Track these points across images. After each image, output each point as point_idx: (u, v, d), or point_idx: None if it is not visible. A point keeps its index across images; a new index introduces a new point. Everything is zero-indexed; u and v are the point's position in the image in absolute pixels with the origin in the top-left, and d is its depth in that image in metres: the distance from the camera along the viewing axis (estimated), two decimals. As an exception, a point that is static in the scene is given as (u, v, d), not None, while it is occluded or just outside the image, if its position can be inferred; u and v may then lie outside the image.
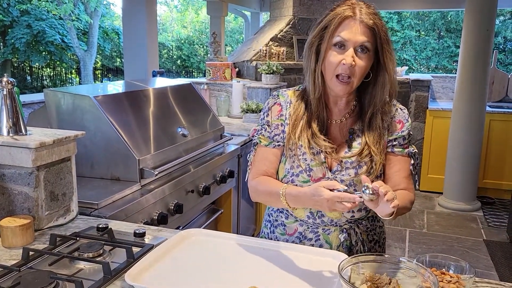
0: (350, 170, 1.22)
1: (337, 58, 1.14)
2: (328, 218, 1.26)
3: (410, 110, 4.80)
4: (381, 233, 1.38)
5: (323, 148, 1.22)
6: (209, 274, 1.11)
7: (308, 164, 1.24)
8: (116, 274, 1.09)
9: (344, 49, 1.14)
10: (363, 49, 1.14)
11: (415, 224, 3.94)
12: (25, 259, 1.14)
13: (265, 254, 1.23)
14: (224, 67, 4.04)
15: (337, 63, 1.14)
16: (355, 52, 1.13)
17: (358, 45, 1.13)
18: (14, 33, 13.48)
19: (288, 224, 1.33)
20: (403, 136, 1.26)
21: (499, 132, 4.51)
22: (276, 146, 1.29)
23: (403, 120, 1.27)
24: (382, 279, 0.99)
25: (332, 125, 1.27)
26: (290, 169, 1.26)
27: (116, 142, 1.85)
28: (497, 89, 5.03)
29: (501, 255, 3.36)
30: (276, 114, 1.30)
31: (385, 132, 1.25)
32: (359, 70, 1.14)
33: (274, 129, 1.29)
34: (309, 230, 1.29)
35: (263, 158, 1.30)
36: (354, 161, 1.22)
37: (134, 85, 2.41)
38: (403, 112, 1.28)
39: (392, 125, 1.26)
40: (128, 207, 1.66)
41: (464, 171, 4.18)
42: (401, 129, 1.26)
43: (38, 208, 1.35)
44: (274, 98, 1.32)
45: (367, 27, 1.12)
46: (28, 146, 1.29)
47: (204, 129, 2.47)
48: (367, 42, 1.13)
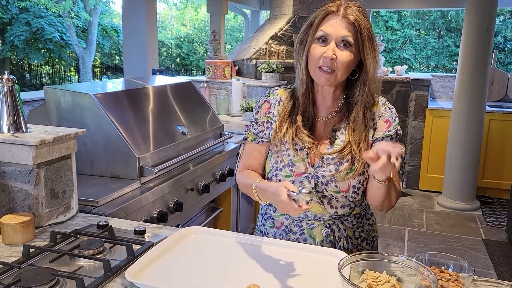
0: (331, 166, 1.24)
1: (319, 51, 1.17)
2: (312, 213, 1.29)
3: (410, 109, 4.80)
4: (370, 231, 1.38)
5: (306, 144, 1.25)
6: (209, 272, 1.11)
7: (290, 159, 1.27)
8: (116, 272, 1.09)
9: (326, 43, 1.17)
10: (345, 44, 1.16)
11: (414, 223, 3.95)
12: (26, 256, 1.14)
13: (265, 252, 1.23)
14: (224, 65, 4.04)
15: (319, 56, 1.17)
16: (337, 46, 1.16)
17: (339, 39, 1.16)
18: (13, 30, 13.45)
19: (276, 218, 1.36)
20: (390, 136, 1.26)
21: (498, 132, 4.51)
22: (260, 142, 1.34)
23: (390, 120, 1.27)
24: (382, 277, 0.99)
25: (319, 122, 1.29)
26: (275, 164, 1.30)
27: (116, 140, 1.85)
28: (497, 88, 5.04)
29: (500, 255, 3.37)
30: (264, 112, 1.35)
31: (370, 131, 1.25)
32: (341, 63, 1.17)
33: (259, 126, 1.35)
34: (294, 224, 1.33)
35: (248, 153, 1.37)
36: (335, 157, 1.24)
37: (134, 83, 2.41)
38: (391, 111, 1.28)
39: (379, 124, 1.26)
40: (128, 205, 1.66)
41: (463, 170, 4.19)
42: (388, 129, 1.26)
43: (38, 206, 1.35)
44: (265, 96, 1.38)
45: (349, 23, 1.16)
46: (28, 144, 1.29)
47: (203, 127, 2.47)
48: (348, 36, 1.15)
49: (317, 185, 1.26)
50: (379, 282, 0.98)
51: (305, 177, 1.26)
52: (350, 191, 1.25)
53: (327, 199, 1.27)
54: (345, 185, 1.24)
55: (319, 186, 1.26)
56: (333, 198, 1.27)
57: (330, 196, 1.26)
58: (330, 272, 1.11)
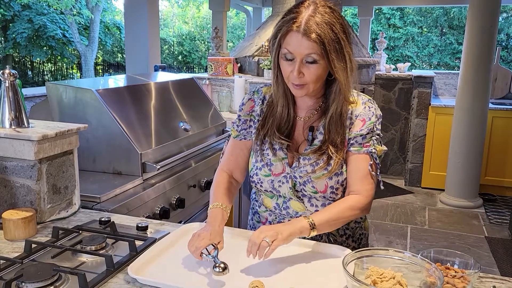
0: (307, 166, 1.23)
1: (287, 68, 1.15)
2: (293, 210, 1.29)
3: (412, 107, 4.79)
4: (357, 228, 1.37)
5: (283, 146, 1.25)
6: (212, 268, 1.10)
7: (269, 159, 1.27)
8: (119, 267, 1.09)
9: (293, 61, 1.14)
10: (310, 61, 1.12)
11: (416, 221, 3.94)
12: (28, 252, 1.14)
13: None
14: (226, 62, 4.03)
15: (288, 73, 1.15)
16: (304, 62, 1.12)
17: (303, 57, 1.12)
18: (15, 27, 13.46)
19: (261, 213, 1.38)
20: (362, 135, 1.22)
21: (501, 129, 4.49)
22: (242, 139, 1.35)
23: (365, 118, 1.23)
24: (386, 273, 0.98)
25: (299, 121, 1.28)
26: (255, 163, 1.31)
27: (118, 136, 1.84)
28: (500, 86, 5.02)
29: (503, 252, 3.35)
30: (248, 110, 1.35)
31: (346, 131, 1.23)
32: (310, 78, 1.14)
33: (242, 124, 1.35)
34: (277, 220, 1.33)
35: (231, 150, 1.39)
36: (312, 158, 1.23)
37: (136, 79, 2.40)
38: (369, 110, 1.23)
39: (355, 123, 1.23)
40: (130, 201, 1.66)
41: (466, 168, 4.17)
42: (361, 128, 1.22)
43: (40, 201, 1.34)
44: (249, 94, 1.37)
45: (310, 40, 1.09)
46: (30, 139, 1.28)
47: (205, 124, 2.46)
48: (312, 54, 1.11)
49: (295, 185, 1.26)
50: (384, 278, 0.97)
51: (283, 177, 1.26)
52: (327, 191, 1.24)
53: (307, 197, 1.27)
54: (322, 185, 1.23)
55: (297, 185, 1.26)
56: (312, 197, 1.26)
57: (309, 195, 1.26)
58: (334, 269, 1.10)
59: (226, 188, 1.33)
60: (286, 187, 1.27)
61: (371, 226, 3.78)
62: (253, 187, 1.36)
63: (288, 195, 1.28)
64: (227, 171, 1.38)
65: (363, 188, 1.21)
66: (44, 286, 0.98)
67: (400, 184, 4.94)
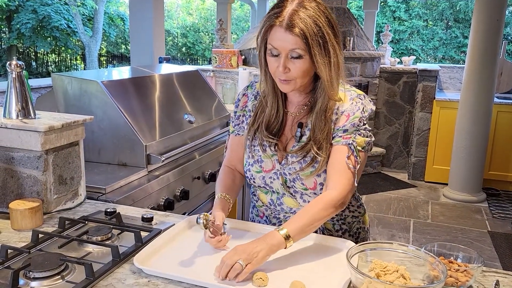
0: (295, 164, 1.23)
1: (273, 63, 1.14)
2: (287, 206, 1.29)
3: (417, 101, 4.77)
4: (354, 223, 1.36)
5: (271, 143, 1.25)
6: (216, 260, 1.11)
7: (260, 156, 1.28)
8: (124, 258, 1.10)
9: (278, 56, 1.13)
10: (296, 56, 1.11)
11: (419, 215, 3.94)
12: (35, 242, 1.15)
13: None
14: (230, 54, 4.02)
15: (274, 68, 1.15)
16: (289, 57, 1.12)
17: (288, 52, 1.11)
18: (19, 18, 13.45)
19: (258, 208, 1.39)
20: (345, 129, 1.19)
21: (506, 124, 4.47)
22: (237, 135, 1.36)
23: (350, 113, 1.20)
24: (390, 266, 0.99)
25: (290, 117, 1.27)
26: (247, 159, 1.31)
27: (123, 128, 1.85)
28: (505, 80, 4.99)
29: (506, 246, 3.36)
30: (242, 106, 1.35)
31: (332, 126, 1.20)
32: (296, 74, 1.13)
33: (236, 119, 1.36)
34: (273, 215, 1.34)
35: (230, 146, 1.39)
36: (298, 155, 1.22)
37: (141, 71, 2.40)
38: (356, 105, 1.20)
39: (340, 119, 1.20)
40: (135, 192, 1.67)
41: (470, 162, 4.16)
42: (344, 123, 1.19)
43: (46, 192, 1.35)
44: (244, 89, 1.37)
45: (293, 34, 1.08)
46: (37, 130, 1.29)
47: (210, 116, 2.47)
48: (297, 49, 1.10)
49: (286, 181, 1.26)
50: (387, 271, 0.98)
51: (274, 173, 1.27)
52: (317, 188, 1.23)
53: (299, 193, 1.26)
54: (311, 182, 1.22)
55: (288, 182, 1.26)
56: (304, 193, 1.26)
57: (301, 191, 1.26)
58: (337, 261, 1.11)
59: (229, 181, 1.34)
60: (277, 183, 1.27)
61: (374, 220, 3.78)
62: (248, 182, 1.36)
63: (281, 191, 1.28)
64: (230, 166, 1.38)
65: (339, 182, 1.16)
66: (51, 275, 1.00)
67: (404, 178, 4.94)
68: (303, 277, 1.02)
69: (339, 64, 1.15)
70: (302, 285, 0.98)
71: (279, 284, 1.00)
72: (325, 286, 1.01)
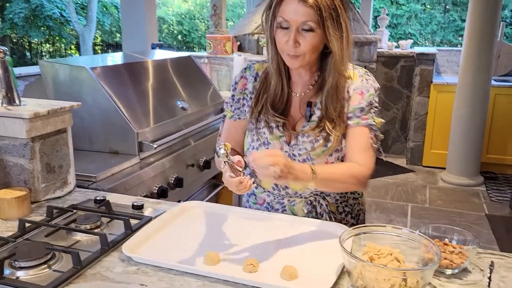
0: (307, 144, 1.20)
1: (283, 37, 1.12)
2: (293, 190, 1.27)
3: (414, 85, 4.73)
4: (355, 205, 1.35)
5: (278, 123, 1.22)
6: (208, 247, 1.09)
7: (266, 138, 1.24)
8: (113, 246, 1.08)
9: (288, 29, 1.11)
10: (307, 28, 1.09)
11: (417, 199, 3.93)
12: (21, 231, 1.13)
13: (265, 226, 1.21)
14: (225, 40, 3.97)
15: (283, 43, 1.12)
16: (300, 30, 1.10)
17: (299, 24, 1.09)
18: (12, 7, 13.28)
19: (258, 194, 1.35)
20: (361, 108, 1.19)
21: (504, 107, 4.44)
22: (237, 119, 1.32)
23: (364, 91, 1.20)
24: (384, 250, 0.97)
25: (295, 98, 1.25)
26: (251, 142, 1.27)
27: (114, 115, 1.81)
28: (503, 62, 4.94)
29: (503, 229, 3.36)
30: (241, 88, 1.31)
31: (345, 104, 1.20)
32: (306, 48, 1.11)
33: (236, 103, 1.32)
34: (276, 201, 1.31)
35: (226, 131, 1.35)
36: (310, 135, 1.20)
37: (133, 57, 2.36)
38: (367, 82, 1.21)
39: (353, 97, 1.20)
40: (127, 180, 1.64)
41: (468, 146, 4.14)
42: (360, 101, 1.19)
43: (34, 180, 1.33)
44: (242, 71, 1.33)
45: (307, 6, 1.07)
46: (22, 117, 1.26)
47: (204, 102, 2.43)
48: (309, 21, 1.08)
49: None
50: (381, 255, 0.96)
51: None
52: None
53: None
54: (322, 163, 1.21)
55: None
56: None
57: None
58: (332, 246, 1.09)
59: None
60: None
61: (372, 205, 3.78)
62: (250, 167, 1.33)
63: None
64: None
65: (364, 161, 1.18)
66: (38, 265, 0.97)
67: (401, 163, 4.93)
68: (296, 262, 1.00)
69: (349, 40, 1.14)
70: (294, 270, 0.96)
71: (271, 270, 0.98)
72: (318, 271, 0.99)
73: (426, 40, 14.39)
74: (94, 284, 0.94)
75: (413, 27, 14.12)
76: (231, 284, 0.93)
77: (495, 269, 0.98)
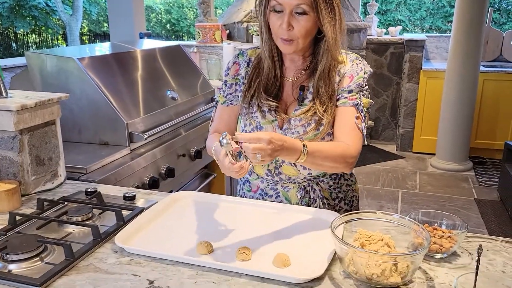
0: (299, 128, 1.21)
1: (276, 21, 1.13)
2: (286, 176, 1.28)
3: (404, 71, 4.74)
4: (348, 191, 1.37)
5: (271, 107, 1.22)
6: (201, 236, 1.10)
7: (259, 122, 1.25)
8: (106, 237, 1.07)
9: (282, 13, 1.11)
10: (300, 12, 1.10)
11: (407, 185, 3.97)
12: (12, 224, 1.12)
13: (258, 214, 1.22)
14: (214, 28, 3.93)
15: (277, 27, 1.13)
16: (293, 13, 1.10)
17: (293, 8, 1.10)
18: (-4, -2, 12.98)
19: (252, 181, 1.36)
20: (349, 90, 1.20)
21: (492, 92, 4.48)
22: (229, 104, 1.32)
23: (353, 74, 1.21)
24: (375, 235, 0.98)
25: (287, 82, 1.25)
26: (244, 127, 1.28)
27: (103, 106, 1.80)
28: (492, 48, 4.97)
29: (492, 213, 3.41)
30: (233, 74, 1.31)
31: (335, 87, 1.21)
32: (299, 32, 1.12)
33: (228, 89, 1.32)
34: (269, 187, 1.32)
35: (219, 116, 1.35)
36: (302, 118, 1.21)
37: (121, 46, 2.33)
38: (357, 66, 1.22)
39: (343, 80, 1.21)
40: (118, 171, 1.63)
41: (457, 131, 4.18)
42: (349, 84, 1.21)
43: (24, 173, 1.31)
44: (234, 57, 1.33)
45: None
46: (9, 109, 1.24)
47: (194, 92, 2.42)
48: (302, 4, 1.09)
49: None
50: (372, 240, 0.97)
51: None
52: None
53: None
54: None
55: None
56: None
57: None
58: (324, 233, 1.10)
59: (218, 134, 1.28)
60: None
61: (363, 191, 3.81)
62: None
63: (280, 159, 1.25)
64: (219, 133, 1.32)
65: (352, 140, 1.17)
66: (30, 257, 0.97)
67: (392, 149, 4.96)
68: (288, 249, 1.01)
69: (342, 23, 1.15)
70: (286, 257, 0.97)
71: (263, 257, 0.99)
72: (310, 257, 1.00)
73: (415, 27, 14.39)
74: (87, 276, 0.94)
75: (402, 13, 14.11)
76: (224, 273, 0.94)
77: (483, 253, 1.00)
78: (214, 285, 0.90)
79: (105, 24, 15.90)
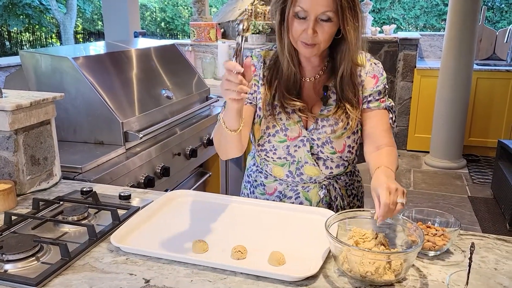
0: (327, 127, 1.23)
1: (300, 26, 1.12)
2: (307, 176, 1.28)
3: (398, 70, 4.76)
4: (359, 187, 1.41)
5: (296, 107, 1.22)
6: (196, 235, 1.10)
7: (283, 123, 1.24)
8: (101, 237, 1.08)
9: (305, 19, 1.11)
10: (325, 19, 1.10)
11: (402, 183, 4.00)
12: (8, 224, 1.12)
13: (253, 213, 1.23)
14: (208, 27, 3.93)
15: (300, 32, 1.13)
16: (318, 19, 1.10)
17: (318, 14, 1.10)
18: (-11, -4, 12.88)
19: (268, 184, 1.35)
20: (378, 91, 1.24)
21: (485, 90, 4.51)
22: (247, 103, 1.29)
23: (377, 75, 1.25)
24: (369, 234, 0.99)
25: (306, 82, 1.26)
26: (266, 130, 1.26)
27: (98, 105, 1.80)
28: (485, 46, 5.00)
29: (485, 210, 3.44)
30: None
31: (359, 88, 1.23)
32: (322, 37, 1.12)
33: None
34: (289, 189, 1.32)
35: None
36: (330, 118, 1.22)
37: (116, 45, 2.33)
38: (377, 66, 1.26)
39: (366, 80, 1.24)
40: (113, 170, 1.63)
41: (450, 129, 4.21)
42: (376, 84, 1.24)
43: (19, 173, 1.31)
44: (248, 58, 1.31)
45: None
46: (4, 109, 1.24)
47: (189, 91, 2.42)
48: (328, 11, 1.09)
49: (312, 147, 1.25)
50: (366, 239, 0.98)
51: (300, 141, 1.24)
52: (345, 150, 1.25)
53: (322, 160, 1.26)
54: (341, 145, 1.24)
55: (314, 148, 1.25)
56: (328, 159, 1.26)
57: (325, 157, 1.26)
58: (319, 231, 1.11)
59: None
60: (303, 150, 1.25)
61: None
62: (261, 156, 1.31)
63: (304, 159, 1.26)
64: None
65: (390, 140, 1.24)
66: (26, 257, 0.97)
67: (386, 147, 4.99)
68: (283, 248, 1.02)
69: (364, 29, 1.17)
70: (281, 255, 0.97)
71: (259, 256, 1.00)
72: (305, 256, 1.01)
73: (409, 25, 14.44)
74: (83, 275, 0.94)
75: (396, 11, 14.16)
76: (220, 271, 0.95)
77: (476, 250, 1.01)
78: (210, 284, 0.91)
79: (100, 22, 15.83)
